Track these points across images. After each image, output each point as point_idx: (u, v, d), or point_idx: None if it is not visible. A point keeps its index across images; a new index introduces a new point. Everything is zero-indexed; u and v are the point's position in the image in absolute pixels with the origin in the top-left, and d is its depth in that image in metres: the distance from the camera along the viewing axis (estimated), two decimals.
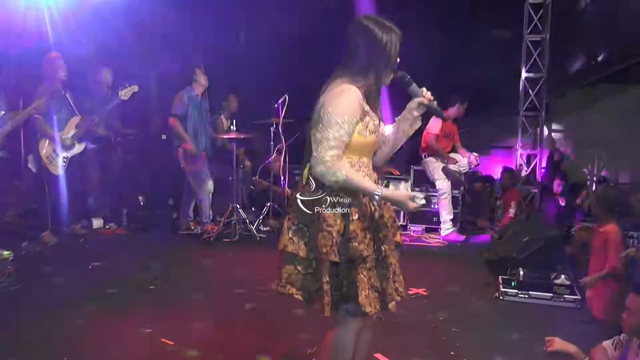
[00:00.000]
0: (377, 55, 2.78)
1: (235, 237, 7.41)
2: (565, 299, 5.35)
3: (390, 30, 2.79)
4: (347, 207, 2.79)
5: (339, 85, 2.77)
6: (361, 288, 2.75)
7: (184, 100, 7.60)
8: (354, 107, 2.73)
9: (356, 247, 2.75)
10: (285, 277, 2.89)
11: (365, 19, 2.82)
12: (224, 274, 6.08)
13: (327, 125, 2.69)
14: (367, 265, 2.78)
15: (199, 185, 7.71)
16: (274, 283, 2.96)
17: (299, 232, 2.85)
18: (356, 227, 2.78)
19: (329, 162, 2.68)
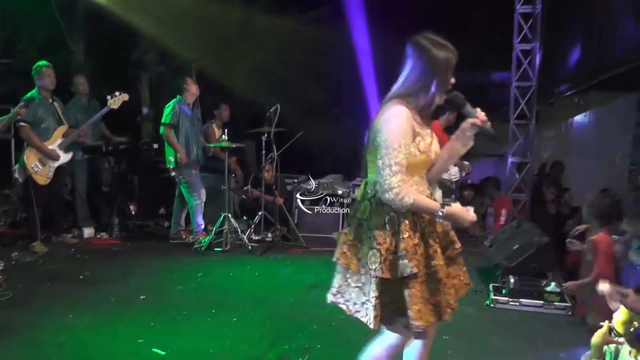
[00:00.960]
0: (432, 74, 2.82)
1: (227, 246, 7.41)
2: (556, 306, 5.38)
3: (445, 48, 2.83)
4: (397, 226, 2.85)
5: (391, 107, 2.82)
6: (412, 302, 2.83)
7: (175, 109, 7.60)
8: (406, 130, 2.79)
9: (406, 265, 2.81)
10: (337, 286, 3.03)
11: (421, 38, 2.86)
12: (216, 283, 6.06)
13: (387, 152, 2.75)
14: (419, 279, 2.85)
15: (190, 194, 7.70)
16: (330, 292, 3.06)
17: (353, 247, 2.96)
18: (407, 245, 2.83)
19: (396, 189, 2.76)
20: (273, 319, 4.99)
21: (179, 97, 7.71)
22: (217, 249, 7.38)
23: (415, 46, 2.85)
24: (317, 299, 5.51)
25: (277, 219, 7.90)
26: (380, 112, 2.86)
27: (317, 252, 7.61)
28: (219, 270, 6.54)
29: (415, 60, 2.84)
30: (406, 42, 2.92)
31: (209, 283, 6.04)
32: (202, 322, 4.85)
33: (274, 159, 7.90)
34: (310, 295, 5.74)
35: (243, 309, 5.18)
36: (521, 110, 9.16)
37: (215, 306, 5.23)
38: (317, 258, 7.29)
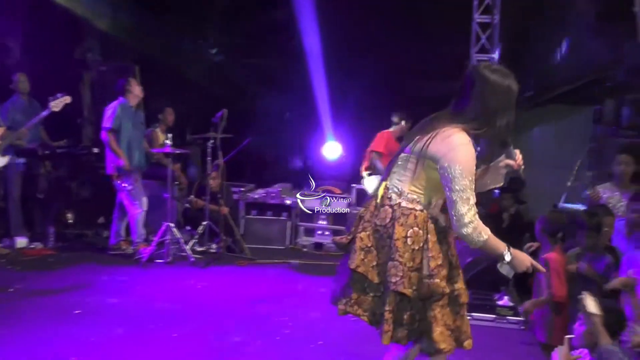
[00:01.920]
0: (502, 104, 2.84)
1: (169, 257, 7.31)
2: (508, 321, 5.45)
3: (512, 78, 2.88)
4: (423, 242, 2.87)
5: (454, 134, 2.81)
6: (435, 324, 2.86)
7: (117, 112, 7.47)
8: (474, 160, 2.81)
9: (438, 284, 2.83)
10: (355, 297, 2.97)
11: (490, 68, 2.89)
12: (156, 297, 5.97)
13: (464, 186, 2.74)
14: (441, 302, 2.88)
15: (131, 203, 7.57)
16: (342, 302, 3.00)
17: (369, 254, 2.94)
18: (435, 264, 2.85)
19: (474, 223, 2.75)
20: (216, 334, 4.95)
21: (121, 99, 7.58)
22: (159, 260, 7.27)
23: (486, 75, 2.86)
24: (262, 313, 5.55)
25: (222, 229, 7.82)
26: (440, 129, 2.85)
27: (263, 264, 7.57)
28: (160, 284, 6.45)
29: (485, 88, 2.84)
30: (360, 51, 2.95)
31: (149, 297, 5.94)
32: (141, 338, 4.77)
33: (219, 166, 7.82)
34: (255, 309, 5.70)
35: (184, 324, 5.12)
36: None
37: (155, 321, 5.16)
38: (262, 270, 7.27)
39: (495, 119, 2.84)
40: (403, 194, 2.93)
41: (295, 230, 8.82)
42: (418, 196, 2.92)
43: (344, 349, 4.78)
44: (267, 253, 8.01)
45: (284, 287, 6.61)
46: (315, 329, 5.23)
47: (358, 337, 4.92)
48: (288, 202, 8.75)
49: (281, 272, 7.26)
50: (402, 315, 2.89)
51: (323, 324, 5.32)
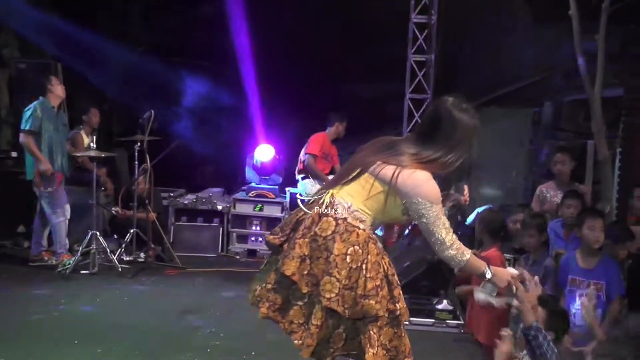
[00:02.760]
0: (465, 144, 3.02)
1: (95, 268, 7.14)
2: (448, 324, 5.53)
3: (474, 117, 3.04)
4: (360, 262, 2.89)
5: (418, 170, 2.94)
6: (369, 346, 2.87)
7: (37, 113, 7.26)
8: (439, 190, 2.96)
9: (373, 306, 2.86)
10: (279, 303, 3.01)
11: (459, 107, 3.01)
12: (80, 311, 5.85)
13: (438, 215, 2.91)
14: (379, 323, 2.90)
15: (53, 210, 7.37)
16: (265, 305, 3.01)
17: (303, 262, 2.93)
18: (372, 285, 2.88)
19: (456, 244, 2.94)
20: (142, 348, 4.88)
21: (42, 99, 7.37)
22: (84, 271, 7.09)
23: (448, 112, 3.01)
24: (191, 325, 5.47)
25: (150, 237, 7.67)
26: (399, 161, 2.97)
27: (193, 273, 7.49)
28: (85, 296, 6.30)
29: (446, 126, 3.00)
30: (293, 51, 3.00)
31: (73, 311, 5.82)
32: (63, 356, 4.67)
33: (147, 170, 7.67)
34: (184, 321, 5.65)
35: (110, 339, 5.04)
36: (415, 123, 9.36)
37: (78, 337, 5.06)
38: (193, 280, 7.20)
39: (456, 156, 3.01)
40: (351, 210, 2.98)
41: (227, 236, 8.73)
42: (365, 216, 2.99)
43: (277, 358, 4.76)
44: (198, 261, 7.91)
45: (215, 296, 6.55)
46: (247, 339, 5.20)
47: (291, 347, 4.85)
48: (219, 207, 8.65)
49: (212, 281, 7.19)
50: (329, 332, 2.93)
51: (255, 334, 5.24)
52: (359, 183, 3.02)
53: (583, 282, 4.57)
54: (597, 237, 4.52)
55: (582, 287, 4.56)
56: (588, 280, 4.54)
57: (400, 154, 3.00)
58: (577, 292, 4.59)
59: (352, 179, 3.05)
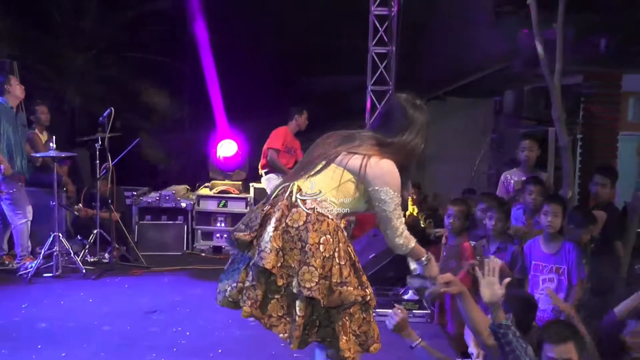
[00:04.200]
0: (417, 137, 3.21)
1: (58, 271, 7.03)
2: (414, 314, 5.55)
3: (426, 113, 3.27)
4: (333, 251, 2.99)
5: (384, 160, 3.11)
6: (342, 333, 3.00)
7: None
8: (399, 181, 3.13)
9: (351, 292, 2.98)
10: (260, 299, 3.03)
11: (414, 105, 3.24)
12: (43, 314, 5.73)
13: (396, 206, 3.10)
14: (350, 310, 3.04)
15: (15, 213, 7.23)
16: (247, 304, 3.02)
17: (277, 254, 2.98)
18: (348, 272, 3.00)
19: (405, 234, 3.14)
20: (107, 350, 4.83)
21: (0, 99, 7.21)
22: (47, 274, 6.99)
23: (403, 109, 3.22)
24: (157, 325, 5.41)
25: (113, 237, 7.57)
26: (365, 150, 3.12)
27: (159, 272, 7.42)
28: (48, 299, 6.21)
29: (401, 122, 3.20)
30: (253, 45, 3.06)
31: (36, 315, 5.71)
32: None
33: (109, 169, 7.56)
34: (150, 321, 5.59)
35: (74, 342, 4.98)
36: None
37: (41, 341, 4.97)
38: (158, 279, 7.14)
39: (410, 152, 3.21)
40: (320, 200, 3.06)
41: (192, 234, 8.66)
42: (333, 206, 3.08)
43: (245, 355, 4.77)
44: (163, 260, 7.83)
45: (181, 295, 6.48)
46: (214, 336, 5.17)
47: (257, 341, 4.90)
48: (184, 204, 8.57)
49: (178, 280, 7.13)
50: (308, 320, 3.01)
51: (222, 331, 5.27)
52: (326, 174, 3.11)
53: (546, 266, 4.62)
54: (549, 222, 4.57)
55: (545, 271, 4.62)
56: (550, 265, 4.60)
57: (363, 145, 3.16)
58: (540, 276, 4.64)
59: (319, 171, 3.13)
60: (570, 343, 3.01)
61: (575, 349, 3.02)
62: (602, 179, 5.40)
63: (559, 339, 3.02)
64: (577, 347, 3.03)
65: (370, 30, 9.32)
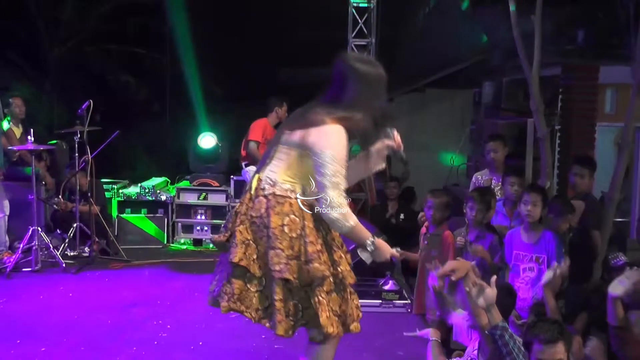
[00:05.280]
0: (367, 95, 3.03)
1: (37, 265, 6.98)
2: (395, 305, 5.57)
3: (378, 67, 3.09)
4: (300, 229, 2.96)
5: (327, 124, 2.96)
6: (321, 310, 2.94)
7: None
8: (345, 148, 2.97)
9: (317, 268, 2.92)
10: (237, 293, 3.02)
11: (360, 60, 3.12)
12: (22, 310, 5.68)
13: (335, 171, 2.91)
14: (325, 288, 2.97)
15: None
16: (224, 299, 3.03)
17: (249, 247, 3.01)
18: (314, 249, 2.94)
19: (344, 209, 2.93)
20: (88, 345, 4.79)
21: None
22: (26, 269, 6.93)
23: (350, 67, 3.05)
24: (137, 319, 5.38)
25: (93, 231, 7.51)
26: (313, 121, 2.99)
27: (139, 266, 7.37)
28: (27, 294, 6.14)
29: (352, 81, 3.03)
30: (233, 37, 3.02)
31: (14, 310, 5.66)
32: (5, 356, 4.54)
33: (88, 162, 7.49)
34: (130, 315, 5.56)
35: (53, 336, 4.95)
36: None
37: (20, 336, 4.93)
38: (138, 273, 7.09)
39: (368, 107, 3.04)
40: (277, 184, 3.03)
41: (172, 227, 8.60)
42: (292, 185, 3.04)
43: (225, 347, 4.76)
44: (143, 253, 7.79)
45: (162, 288, 6.44)
46: (195, 329, 5.16)
47: (239, 334, 4.90)
48: (163, 197, 8.51)
49: (158, 273, 7.08)
50: (288, 305, 2.97)
51: (203, 324, 5.25)
52: (278, 157, 3.09)
53: (526, 256, 4.65)
54: (529, 211, 4.60)
55: (525, 261, 4.65)
56: (530, 254, 4.63)
57: (311, 117, 3.04)
58: (521, 266, 4.67)
59: (272, 156, 3.11)
60: (560, 343, 3.03)
61: (564, 348, 3.04)
62: (580, 169, 5.43)
63: (549, 340, 3.03)
64: (565, 346, 3.05)
65: (349, 22, 9.30)
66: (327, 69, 3.16)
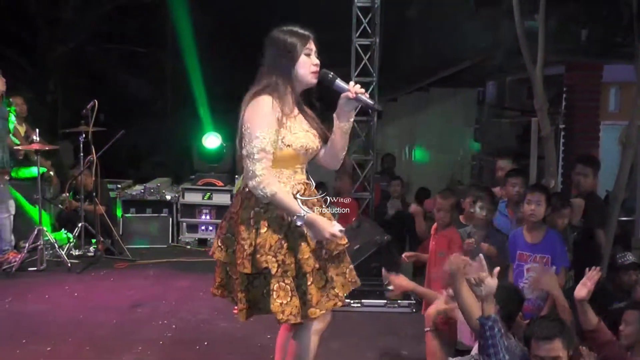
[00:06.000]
0: (279, 58, 3.03)
1: (43, 264, 6.99)
2: (399, 304, 5.56)
3: (292, 33, 3.05)
4: (258, 220, 3.00)
5: (254, 98, 3.01)
6: (275, 297, 2.96)
7: None
8: (270, 119, 2.96)
9: (258, 260, 2.95)
10: (218, 280, 3.25)
11: (274, 30, 3.11)
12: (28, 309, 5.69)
13: (249, 140, 2.93)
14: (279, 274, 2.96)
15: None
16: (214, 286, 3.27)
17: (227, 240, 3.14)
18: (263, 240, 2.97)
19: (259, 177, 2.91)
20: (93, 344, 4.80)
21: None
22: (31, 268, 6.94)
23: (268, 37, 3.10)
24: (142, 318, 5.39)
25: (98, 230, 7.52)
26: (244, 102, 3.05)
27: (144, 265, 7.38)
28: (33, 294, 6.15)
29: (268, 51, 3.08)
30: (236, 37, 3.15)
31: (20, 309, 5.67)
32: (11, 356, 4.54)
33: (93, 161, 7.50)
34: (136, 314, 5.57)
35: (59, 336, 4.95)
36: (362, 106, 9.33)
37: (26, 335, 4.93)
38: (143, 272, 7.10)
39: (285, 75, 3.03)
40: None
41: (177, 227, 8.61)
42: None
43: (231, 347, 4.76)
44: (148, 253, 7.80)
45: (166, 287, 6.47)
46: (200, 329, 5.18)
47: (244, 334, 4.90)
48: (168, 197, 8.52)
49: (163, 272, 7.09)
50: (252, 294, 3.07)
51: (208, 323, 5.27)
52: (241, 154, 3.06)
53: (530, 256, 4.63)
54: (532, 211, 4.57)
55: (529, 261, 4.62)
56: (534, 255, 4.61)
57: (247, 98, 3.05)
58: (524, 266, 4.65)
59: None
60: (557, 340, 3.02)
61: (562, 345, 3.03)
62: (583, 168, 5.40)
63: (545, 337, 3.03)
64: (564, 344, 3.04)
65: (353, 22, 9.30)
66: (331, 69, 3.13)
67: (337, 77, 3.11)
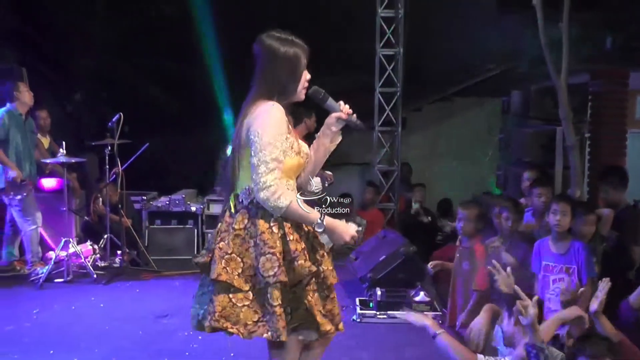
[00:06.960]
0: (285, 73, 2.93)
1: (69, 276, 7.04)
2: None
3: (293, 44, 2.96)
4: (282, 229, 2.87)
5: (261, 105, 2.88)
6: (315, 309, 2.89)
7: (4, 120, 7.11)
8: (281, 125, 2.86)
9: (302, 265, 2.85)
10: (219, 310, 2.89)
11: (267, 36, 2.97)
12: (55, 320, 5.74)
13: (262, 147, 2.78)
14: (311, 287, 2.92)
15: (24, 219, 7.24)
16: (207, 320, 2.92)
17: (232, 261, 2.89)
18: (297, 246, 2.87)
19: (273, 187, 2.78)
20: (118, 355, 4.82)
21: (9, 105, 7.22)
22: (58, 279, 6.98)
23: (264, 46, 2.95)
24: (168, 329, 5.40)
25: (124, 241, 7.57)
26: (248, 112, 2.90)
27: (169, 276, 7.39)
28: (59, 305, 6.20)
29: (266, 61, 2.94)
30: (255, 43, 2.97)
31: (47, 320, 5.73)
32: None
33: (118, 174, 7.57)
34: (161, 325, 5.58)
35: (85, 347, 4.97)
36: (386, 116, 9.36)
37: (53, 346, 4.97)
38: (169, 283, 7.10)
39: (284, 88, 2.96)
40: (249, 191, 2.93)
41: (202, 238, 8.62)
42: None
43: (256, 358, 4.65)
44: (173, 264, 7.79)
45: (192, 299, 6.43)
46: (226, 340, 5.02)
47: None
48: (193, 208, 8.55)
49: (189, 284, 7.03)
50: (285, 310, 2.89)
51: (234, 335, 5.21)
52: (243, 166, 2.96)
53: (555, 267, 4.59)
54: (557, 221, 4.54)
55: (555, 272, 4.59)
56: (560, 265, 4.57)
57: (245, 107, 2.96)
58: (550, 277, 4.61)
59: (239, 169, 2.99)
60: None
61: None
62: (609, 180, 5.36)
63: (595, 356, 3.00)
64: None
65: (377, 32, 9.34)
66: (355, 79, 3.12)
67: (329, 97, 3.08)
